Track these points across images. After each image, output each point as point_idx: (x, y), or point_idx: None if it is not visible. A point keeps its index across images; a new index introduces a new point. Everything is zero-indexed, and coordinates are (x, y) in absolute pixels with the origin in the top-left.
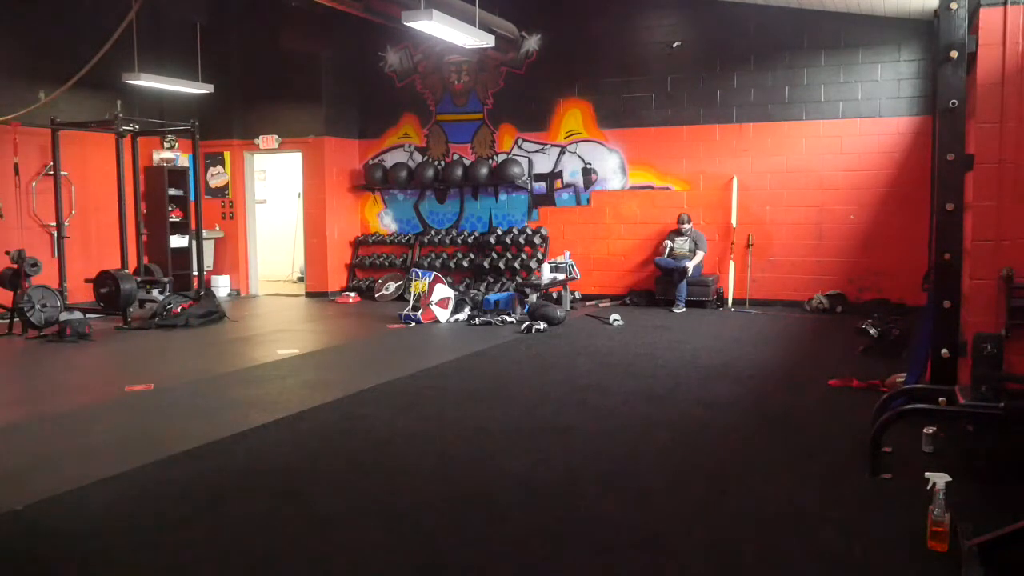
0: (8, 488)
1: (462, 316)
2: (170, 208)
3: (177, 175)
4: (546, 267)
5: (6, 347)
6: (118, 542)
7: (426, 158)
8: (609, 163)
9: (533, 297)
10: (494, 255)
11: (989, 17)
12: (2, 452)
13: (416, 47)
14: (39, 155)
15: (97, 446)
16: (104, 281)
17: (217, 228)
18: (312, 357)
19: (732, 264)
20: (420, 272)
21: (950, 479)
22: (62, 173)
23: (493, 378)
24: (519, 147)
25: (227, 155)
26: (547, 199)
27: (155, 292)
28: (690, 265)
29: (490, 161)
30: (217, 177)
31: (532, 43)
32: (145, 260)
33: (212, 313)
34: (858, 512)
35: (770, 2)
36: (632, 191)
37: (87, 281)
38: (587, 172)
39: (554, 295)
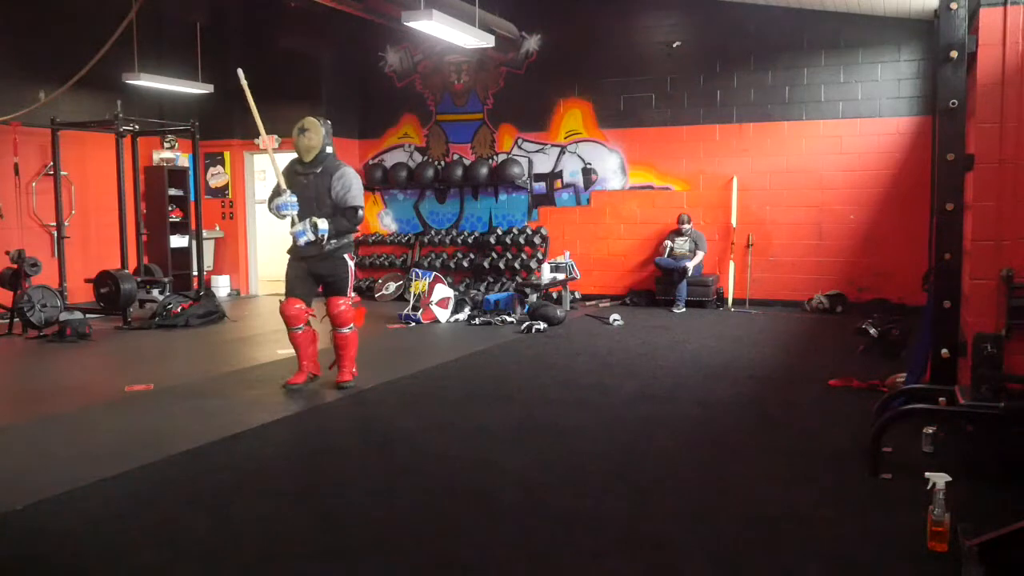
0: (8, 488)
1: (462, 316)
2: (170, 208)
3: (177, 175)
4: (546, 267)
5: (6, 347)
6: (118, 542)
7: (426, 158)
8: (609, 163)
9: (533, 297)
10: (494, 255)
11: (989, 17)
12: (2, 452)
13: (416, 47)
14: (39, 155)
15: (97, 446)
16: (104, 281)
17: (217, 228)
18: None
19: (732, 264)
20: (420, 272)
21: (950, 479)
22: (62, 173)
23: (493, 378)
24: (519, 147)
25: (227, 155)
26: (547, 199)
27: (155, 292)
28: (690, 265)
29: (490, 161)
30: (217, 177)
31: (532, 43)
32: (145, 260)
33: (212, 313)
34: (858, 512)
35: (770, 2)
36: (632, 191)
37: (87, 281)
38: (587, 172)
39: (554, 295)
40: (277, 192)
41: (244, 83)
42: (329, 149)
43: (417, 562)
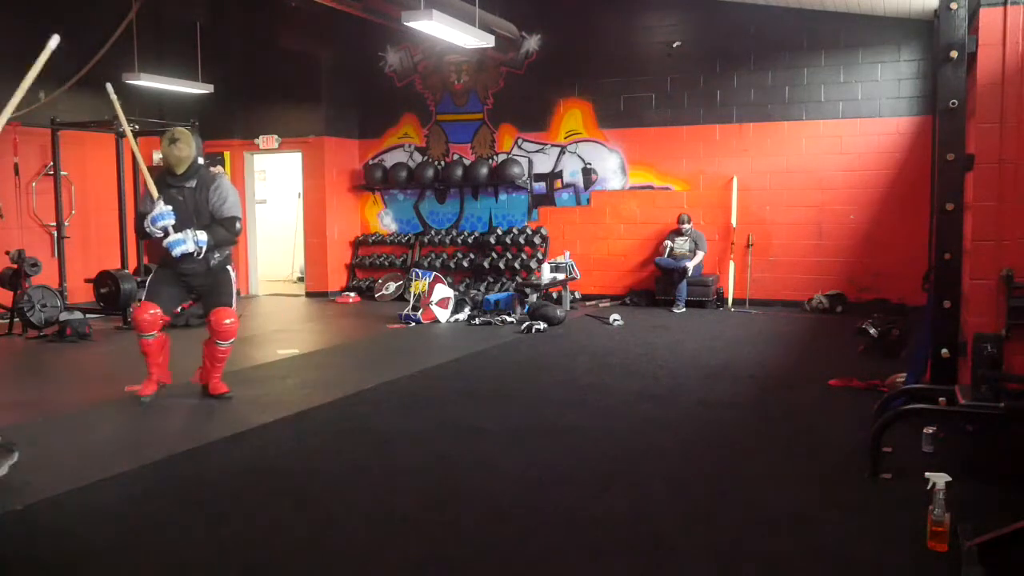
0: (8, 488)
1: (462, 316)
2: None
3: None
4: (546, 267)
5: (6, 347)
6: (118, 542)
7: (426, 158)
8: (609, 163)
9: (533, 297)
10: (494, 255)
11: (989, 17)
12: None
13: (416, 47)
14: (39, 155)
15: (97, 446)
16: (104, 281)
17: None
18: (312, 357)
19: (732, 264)
20: (420, 272)
21: (950, 479)
22: (62, 173)
23: (493, 378)
24: (519, 147)
25: (227, 155)
26: (547, 199)
27: None
28: (690, 265)
29: (490, 161)
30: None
31: (532, 43)
32: (145, 260)
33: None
34: (858, 512)
35: (770, 2)
36: (632, 191)
37: (87, 281)
38: (587, 172)
39: (554, 295)
40: (149, 205)
41: (113, 97)
42: (201, 160)
43: (418, 562)
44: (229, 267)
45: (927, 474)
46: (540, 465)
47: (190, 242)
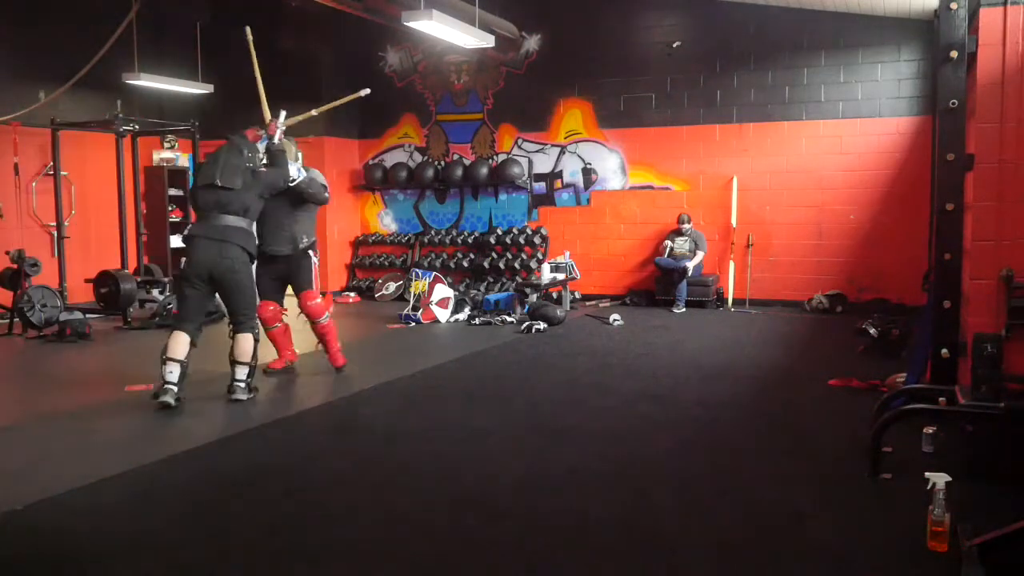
0: (8, 488)
1: (462, 316)
2: (170, 208)
3: (177, 175)
4: (546, 267)
5: (6, 347)
6: (118, 542)
7: (426, 158)
8: (609, 163)
9: (533, 297)
10: (494, 255)
11: (989, 17)
12: (2, 452)
13: (416, 47)
14: (39, 155)
15: (97, 446)
16: (104, 281)
17: None
18: (312, 357)
19: (732, 264)
20: (420, 272)
21: (950, 479)
22: (62, 173)
23: (493, 378)
24: (519, 147)
25: None
26: (547, 199)
27: (155, 292)
28: (690, 265)
29: (490, 161)
30: None
31: (532, 43)
32: (145, 260)
33: (212, 313)
34: (858, 512)
35: (770, 2)
36: (632, 191)
37: (87, 281)
38: (587, 172)
39: (554, 295)
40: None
41: (250, 40)
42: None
43: (417, 562)
44: (311, 252)
45: (927, 474)
46: (540, 465)
47: (294, 166)
